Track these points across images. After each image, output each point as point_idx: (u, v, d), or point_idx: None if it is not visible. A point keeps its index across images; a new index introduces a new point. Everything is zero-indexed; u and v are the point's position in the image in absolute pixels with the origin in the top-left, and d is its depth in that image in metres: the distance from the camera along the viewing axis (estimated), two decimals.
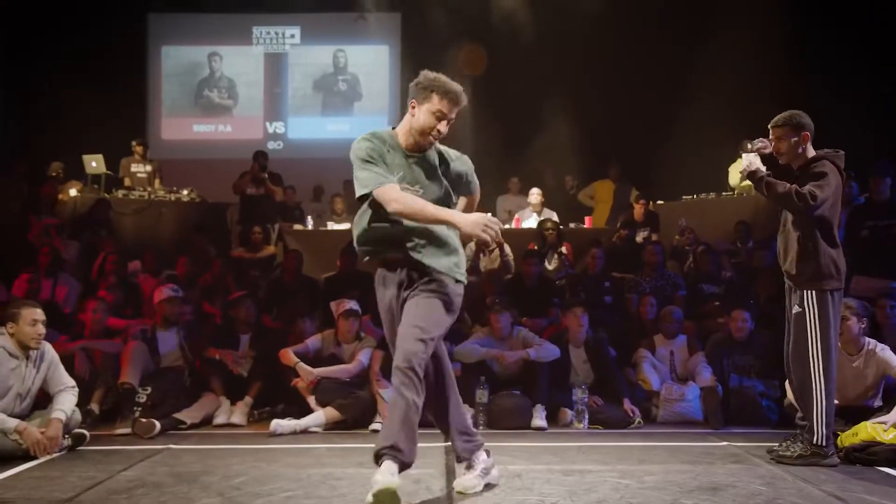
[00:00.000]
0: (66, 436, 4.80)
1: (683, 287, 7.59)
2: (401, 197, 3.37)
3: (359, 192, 3.42)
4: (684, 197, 9.82)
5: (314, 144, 13.06)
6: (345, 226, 9.56)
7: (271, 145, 12.80)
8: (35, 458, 4.54)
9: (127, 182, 10.52)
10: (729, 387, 6.03)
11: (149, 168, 10.72)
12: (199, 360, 6.22)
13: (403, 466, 3.32)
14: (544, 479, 4.02)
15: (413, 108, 3.46)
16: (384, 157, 3.46)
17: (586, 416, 5.80)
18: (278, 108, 13.41)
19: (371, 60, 13.39)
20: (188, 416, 5.69)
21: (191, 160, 12.47)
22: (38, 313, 4.84)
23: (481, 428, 5.75)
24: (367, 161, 3.41)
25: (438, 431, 5.52)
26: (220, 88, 13.42)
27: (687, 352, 6.39)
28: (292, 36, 13.38)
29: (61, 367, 4.99)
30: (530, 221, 9.48)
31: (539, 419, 5.76)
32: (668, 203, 10.00)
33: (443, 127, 3.46)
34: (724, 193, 9.57)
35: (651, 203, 9.72)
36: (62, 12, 11.46)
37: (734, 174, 9.59)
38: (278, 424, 5.47)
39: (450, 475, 4.11)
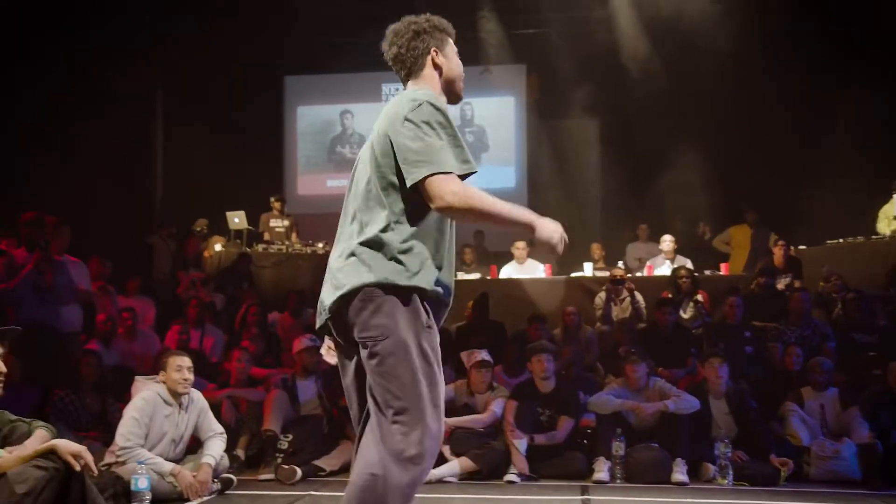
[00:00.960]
0: (216, 480, 5.01)
1: (832, 336, 7.19)
2: (469, 190, 2.55)
3: (435, 167, 2.52)
4: (829, 241, 9.37)
5: None
6: (475, 276, 9.66)
7: None
8: (188, 500, 4.76)
9: (266, 236, 10.98)
10: (890, 444, 5.63)
11: (286, 223, 11.17)
12: (337, 409, 6.35)
13: None
14: None
15: (436, 56, 2.83)
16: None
17: (731, 472, 5.54)
18: None
19: (497, 112, 13.56)
20: (327, 463, 5.81)
21: (325, 214, 12.85)
22: (184, 360, 5.09)
23: (618, 482, 5.61)
24: (453, 132, 2.62)
25: (574, 484, 5.48)
26: (351, 144, 13.88)
27: (839, 405, 6.02)
28: None
29: (210, 414, 5.22)
30: (663, 269, 9.28)
31: (680, 473, 5.56)
32: (810, 248, 9.56)
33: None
34: (873, 236, 9.07)
35: (792, 248, 9.33)
36: (207, 79, 12.18)
37: (884, 221, 9.10)
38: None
39: None
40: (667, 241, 9.48)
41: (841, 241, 9.20)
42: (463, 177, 2.57)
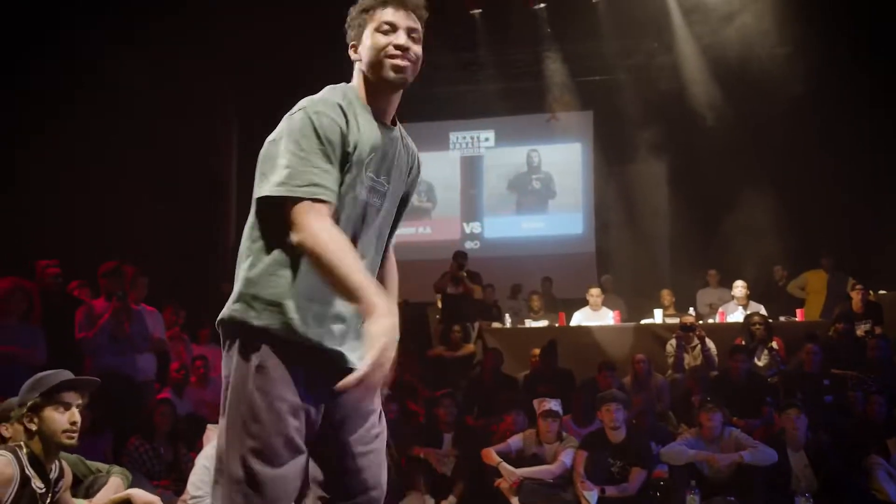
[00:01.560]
0: None
1: None
2: (328, 227, 2.12)
3: (271, 190, 2.14)
4: None
5: (510, 243, 13.28)
6: (542, 323, 9.59)
7: (468, 245, 13.13)
8: None
9: None
10: None
11: None
12: (405, 459, 6.34)
13: None
14: None
15: (353, 51, 2.37)
16: (346, 141, 2.22)
17: None
18: (474, 209, 13.80)
19: (564, 158, 13.57)
20: None
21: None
22: None
23: None
24: (320, 145, 2.16)
25: None
26: (419, 193, 14.03)
27: None
28: (487, 139, 13.85)
29: None
30: (736, 315, 9.06)
31: None
32: (891, 292, 9.22)
33: (401, 38, 2.29)
34: None
35: (871, 293, 9.02)
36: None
37: None
38: None
39: None
40: (739, 287, 9.27)
41: None
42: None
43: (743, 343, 7.92)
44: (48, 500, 3.30)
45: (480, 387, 8.02)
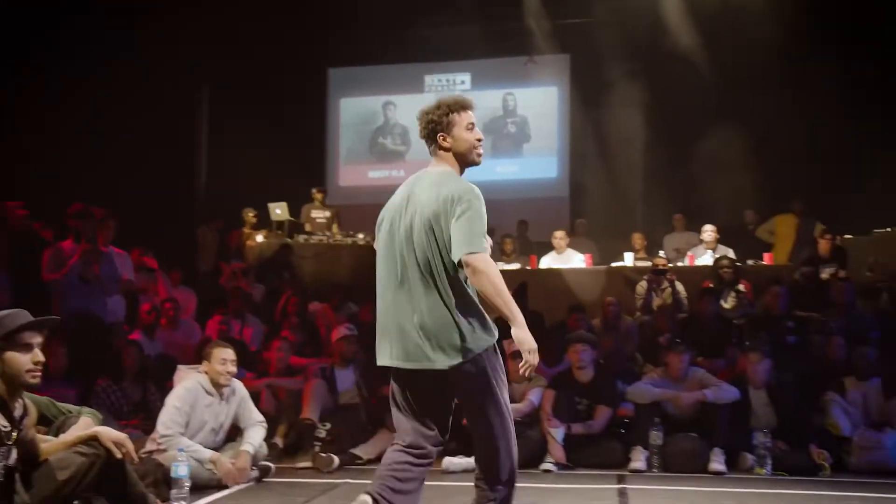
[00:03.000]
0: (254, 467, 5.10)
1: (876, 326, 7.05)
2: (494, 268, 3.22)
3: (473, 247, 3.20)
4: (875, 231, 9.15)
5: (484, 186, 13.01)
6: (514, 265, 9.66)
7: None
8: (226, 487, 4.85)
9: (308, 227, 11.08)
10: None
11: (328, 214, 11.26)
12: (374, 398, 6.41)
13: None
14: None
15: (444, 140, 3.39)
16: None
17: (769, 462, 5.48)
18: None
19: (540, 102, 13.51)
20: (364, 451, 5.87)
21: (366, 205, 12.89)
22: (229, 353, 5.17)
23: (655, 471, 5.59)
24: (483, 220, 3.29)
25: (611, 473, 5.47)
26: (393, 136, 13.95)
27: (882, 396, 5.90)
28: (462, 82, 13.72)
29: (251, 404, 5.31)
30: (705, 258, 9.17)
31: (717, 463, 5.51)
32: (857, 237, 9.35)
33: (479, 133, 3.45)
34: None
35: (838, 237, 9.14)
36: (251, 71, 12.31)
37: None
38: (451, 462, 5.53)
39: None
40: (708, 231, 9.35)
41: (889, 230, 9.00)
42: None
43: (711, 286, 8.03)
44: (13, 437, 3.31)
45: None
